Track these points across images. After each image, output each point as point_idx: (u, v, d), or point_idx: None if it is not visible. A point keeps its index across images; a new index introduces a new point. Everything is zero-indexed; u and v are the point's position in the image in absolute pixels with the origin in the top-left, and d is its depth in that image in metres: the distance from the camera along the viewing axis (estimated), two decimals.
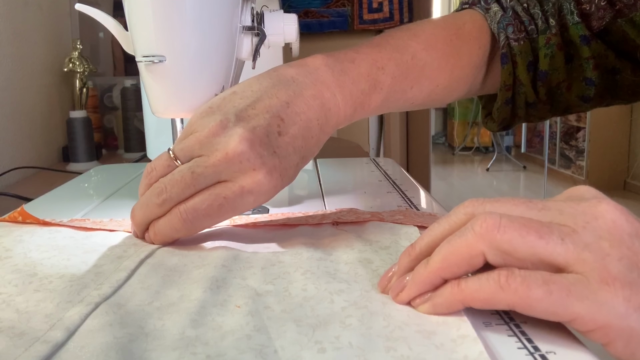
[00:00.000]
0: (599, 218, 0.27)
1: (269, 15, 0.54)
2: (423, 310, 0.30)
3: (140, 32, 0.46)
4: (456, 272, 0.29)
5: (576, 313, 0.26)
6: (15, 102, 1.04)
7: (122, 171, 0.82)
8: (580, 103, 0.55)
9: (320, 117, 0.42)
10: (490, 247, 0.28)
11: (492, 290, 0.27)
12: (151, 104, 0.48)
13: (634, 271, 0.26)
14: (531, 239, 0.27)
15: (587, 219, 0.27)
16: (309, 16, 2.52)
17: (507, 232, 0.27)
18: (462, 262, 0.29)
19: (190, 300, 0.32)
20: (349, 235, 0.44)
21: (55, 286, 0.35)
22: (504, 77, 0.53)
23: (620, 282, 0.25)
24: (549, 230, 0.27)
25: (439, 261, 0.29)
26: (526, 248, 0.27)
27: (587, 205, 0.28)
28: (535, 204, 0.29)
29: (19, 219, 0.49)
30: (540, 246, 0.27)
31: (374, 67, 0.45)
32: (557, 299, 0.26)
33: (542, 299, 0.26)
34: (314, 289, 0.34)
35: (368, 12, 2.53)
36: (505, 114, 0.57)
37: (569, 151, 4.02)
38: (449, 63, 0.51)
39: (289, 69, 0.43)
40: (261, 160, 0.39)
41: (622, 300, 0.25)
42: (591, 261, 0.26)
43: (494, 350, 0.27)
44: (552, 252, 0.27)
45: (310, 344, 0.27)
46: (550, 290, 0.26)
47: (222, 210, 0.40)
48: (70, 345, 0.28)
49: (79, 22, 1.35)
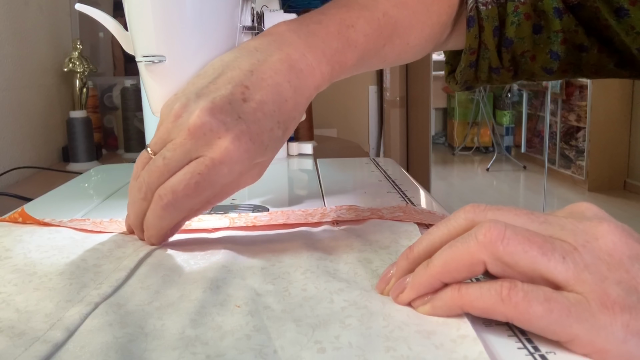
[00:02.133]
0: (599, 238, 0.27)
1: (269, 15, 0.54)
2: (422, 312, 0.30)
3: (140, 32, 0.46)
4: (456, 277, 0.29)
5: (575, 334, 0.26)
6: (15, 102, 1.04)
7: (122, 171, 0.82)
8: (543, 74, 0.55)
9: (292, 79, 0.40)
10: (491, 258, 0.27)
11: (493, 300, 0.27)
12: (151, 104, 0.48)
13: (633, 295, 0.25)
14: (533, 254, 0.27)
15: (587, 238, 0.27)
16: None
17: (510, 245, 0.27)
18: (462, 269, 0.29)
19: (190, 300, 0.32)
20: (348, 235, 0.44)
21: (54, 285, 0.35)
22: (470, 41, 0.53)
23: (620, 306, 0.25)
24: (551, 247, 0.27)
25: (439, 265, 0.29)
26: (528, 263, 0.27)
27: (588, 224, 0.28)
28: (537, 216, 0.29)
29: (19, 220, 0.49)
30: (542, 263, 0.26)
31: (344, 26, 0.44)
32: (557, 318, 0.26)
33: (542, 317, 0.26)
34: (314, 289, 0.34)
35: None
36: (468, 76, 0.57)
37: (569, 151, 4.02)
38: (419, 21, 0.50)
39: (252, 41, 0.42)
40: (225, 126, 0.37)
41: (620, 325, 0.25)
42: (591, 282, 0.26)
43: (494, 350, 0.27)
44: (553, 270, 0.26)
45: (310, 344, 0.27)
46: (551, 308, 0.26)
47: (200, 187, 0.38)
48: (70, 345, 0.28)
49: (79, 22, 1.35)
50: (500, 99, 4.52)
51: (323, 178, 0.73)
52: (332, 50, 0.43)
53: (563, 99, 3.48)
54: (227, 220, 0.48)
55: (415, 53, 0.53)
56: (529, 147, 4.75)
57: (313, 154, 0.94)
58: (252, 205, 0.58)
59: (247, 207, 0.57)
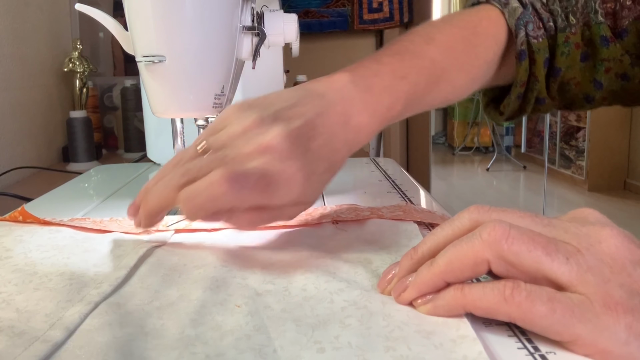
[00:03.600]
0: (602, 242, 0.27)
1: (269, 15, 0.54)
2: (424, 311, 0.30)
3: (140, 32, 0.46)
4: (459, 277, 0.29)
5: (577, 334, 0.26)
6: (15, 102, 1.04)
7: (122, 171, 0.82)
8: (583, 103, 0.55)
9: (346, 134, 0.42)
10: (496, 257, 0.28)
11: (496, 300, 0.27)
12: (151, 104, 0.48)
13: (635, 298, 0.26)
14: (538, 254, 0.27)
15: (590, 241, 0.27)
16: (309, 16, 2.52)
17: (515, 244, 0.27)
18: (466, 268, 0.29)
19: (190, 300, 0.32)
20: (348, 235, 0.44)
21: (55, 285, 0.35)
22: (520, 74, 0.53)
23: (623, 307, 0.25)
24: (555, 248, 0.27)
25: (443, 264, 0.29)
26: (531, 262, 0.27)
27: (591, 228, 0.28)
28: (542, 219, 0.29)
29: (20, 218, 0.49)
30: (546, 263, 0.27)
31: (396, 78, 0.45)
32: (561, 318, 0.26)
33: (545, 316, 0.26)
34: (314, 289, 0.34)
35: (368, 12, 2.53)
36: (515, 107, 0.57)
37: (569, 151, 4.02)
38: (466, 63, 0.51)
39: (318, 84, 0.43)
40: (294, 156, 0.38)
41: (623, 326, 0.25)
42: (594, 284, 0.26)
43: (494, 350, 0.27)
44: (557, 271, 0.27)
45: (310, 344, 0.27)
46: (554, 308, 0.26)
47: (267, 188, 0.36)
48: (70, 345, 0.28)
49: (79, 22, 1.35)
50: None
51: None
52: (383, 109, 0.44)
53: None
54: None
55: (461, 94, 0.53)
56: (529, 147, 4.75)
57: None
58: None
59: None
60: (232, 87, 0.52)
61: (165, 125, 0.83)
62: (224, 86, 0.49)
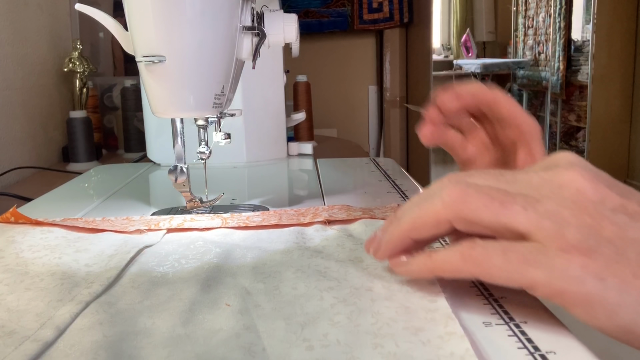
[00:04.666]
0: (563, 187, 0.28)
1: (269, 15, 0.54)
2: (399, 273, 0.33)
3: (140, 32, 0.46)
4: (424, 235, 0.30)
5: (533, 280, 0.26)
6: (15, 102, 1.04)
7: (122, 171, 0.82)
8: None
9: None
10: (455, 217, 0.29)
11: (457, 261, 0.28)
12: (151, 104, 0.48)
13: (592, 239, 0.26)
14: (495, 208, 0.27)
15: (552, 188, 0.28)
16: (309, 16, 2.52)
17: (472, 202, 0.28)
18: (428, 227, 0.30)
19: (181, 299, 0.33)
20: (340, 234, 0.44)
21: (46, 285, 0.35)
22: None
23: (577, 249, 0.26)
24: (512, 199, 0.28)
25: (407, 222, 0.31)
26: (490, 216, 0.28)
27: (554, 174, 0.28)
28: (505, 175, 0.30)
29: (11, 219, 0.49)
30: (504, 214, 0.27)
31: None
32: (516, 267, 0.27)
33: (501, 268, 0.27)
34: (304, 287, 0.34)
35: (368, 12, 2.53)
36: None
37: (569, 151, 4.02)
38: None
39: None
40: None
41: (578, 267, 0.25)
42: (550, 229, 0.26)
43: (493, 350, 0.27)
44: (514, 221, 0.27)
45: (299, 342, 0.27)
46: (509, 259, 0.27)
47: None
48: (60, 344, 0.28)
49: (79, 22, 1.35)
50: None
51: (323, 178, 0.73)
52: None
53: (563, 99, 3.48)
54: (220, 220, 0.48)
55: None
56: None
57: (313, 154, 0.94)
58: (252, 205, 0.58)
59: (247, 207, 0.57)
60: (232, 87, 0.52)
61: (165, 125, 0.83)
62: (224, 86, 0.49)
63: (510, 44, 4.04)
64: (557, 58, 3.31)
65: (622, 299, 0.25)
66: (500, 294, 0.33)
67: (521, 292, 0.33)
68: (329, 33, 2.54)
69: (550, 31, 3.37)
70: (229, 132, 0.54)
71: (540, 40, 3.57)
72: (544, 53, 3.53)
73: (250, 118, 0.85)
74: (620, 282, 0.25)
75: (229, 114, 0.54)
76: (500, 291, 0.33)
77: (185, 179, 0.52)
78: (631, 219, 0.26)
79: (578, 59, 3.19)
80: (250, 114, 0.85)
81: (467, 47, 4.14)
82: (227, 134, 0.54)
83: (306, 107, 1.21)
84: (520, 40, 3.86)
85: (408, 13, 2.53)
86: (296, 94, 1.24)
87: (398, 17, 2.53)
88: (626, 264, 0.25)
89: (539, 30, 3.57)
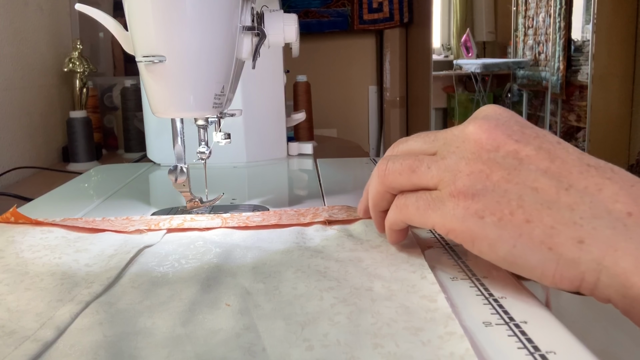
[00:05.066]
0: (465, 141, 0.33)
1: (269, 15, 0.54)
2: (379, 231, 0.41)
3: (140, 32, 0.46)
4: (383, 206, 0.38)
5: (434, 221, 0.33)
6: (15, 102, 1.04)
7: (122, 171, 0.82)
8: None
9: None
10: (387, 188, 0.36)
11: (394, 213, 0.36)
12: (151, 104, 0.48)
13: (480, 184, 0.31)
14: (406, 173, 0.34)
15: (457, 143, 0.33)
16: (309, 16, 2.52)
17: (390, 174, 0.35)
18: (379, 201, 0.38)
19: (181, 299, 0.33)
20: (340, 234, 0.44)
21: (46, 285, 0.35)
22: None
23: (464, 194, 0.31)
24: (419, 163, 0.34)
25: (370, 199, 0.39)
26: (406, 181, 0.35)
27: (461, 130, 0.33)
28: (429, 136, 0.36)
29: (11, 219, 0.49)
30: (414, 177, 0.34)
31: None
32: (423, 212, 0.33)
33: (415, 213, 0.34)
34: (304, 287, 0.34)
35: (368, 12, 2.53)
36: None
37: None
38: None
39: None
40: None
41: (462, 208, 0.31)
42: (447, 180, 0.32)
43: (494, 350, 0.27)
44: (423, 179, 0.34)
45: (299, 342, 0.27)
46: (419, 206, 0.33)
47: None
48: (60, 344, 0.28)
49: (79, 22, 1.35)
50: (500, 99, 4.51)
51: (323, 178, 0.73)
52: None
53: (563, 99, 3.48)
54: (220, 220, 0.48)
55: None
56: None
57: (313, 154, 0.94)
58: (252, 205, 0.58)
59: (247, 207, 0.57)
60: (232, 87, 0.52)
61: (165, 125, 0.83)
62: (224, 86, 0.49)
63: (510, 44, 4.04)
64: (557, 58, 3.31)
65: (499, 233, 0.30)
66: (500, 294, 0.33)
67: (521, 292, 0.33)
68: (329, 33, 2.54)
69: (550, 31, 3.37)
70: (229, 132, 0.54)
71: (540, 40, 3.57)
72: (544, 53, 3.53)
73: (250, 118, 0.85)
74: (498, 219, 0.30)
75: (229, 114, 0.54)
76: (500, 291, 0.33)
77: (185, 179, 0.51)
78: (520, 163, 0.30)
79: (578, 59, 3.19)
80: (250, 114, 0.85)
81: (467, 47, 4.14)
82: (227, 134, 0.54)
83: (306, 107, 1.22)
84: (520, 40, 3.86)
85: (408, 13, 2.53)
86: (296, 94, 1.24)
87: (398, 17, 2.53)
88: (505, 204, 0.30)
89: (539, 30, 3.57)
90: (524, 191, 0.30)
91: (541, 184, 0.29)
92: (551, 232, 0.28)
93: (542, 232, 0.29)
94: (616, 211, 0.28)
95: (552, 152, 0.31)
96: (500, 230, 0.29)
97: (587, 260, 0.27)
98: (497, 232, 0.30)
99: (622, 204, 0.28)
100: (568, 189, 0.29)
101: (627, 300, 0.27)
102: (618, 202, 0.28)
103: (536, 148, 0.31)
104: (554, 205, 0.29)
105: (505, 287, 0.34)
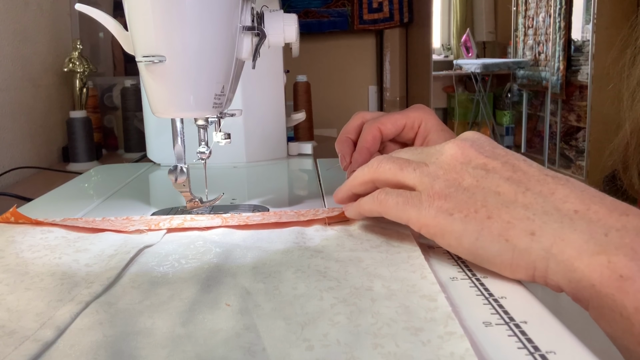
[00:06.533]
0: (443, 154, 0.38)
1: (269, 15, 0.54)
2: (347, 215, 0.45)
3: (140, 32, 0.46)
4: (361, 191, 0.43)
5: (410, 216, 0.37)
6: (15, 102, 1.04)
7: (122, 171, 0.82)
8: None
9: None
10: (375, 178, 0.41)
11: (371, 203, 0.40)
12: (151, 104, 0.48)
13: (453, 188, 0.36)
14: (395, 170, 0.39)
15: (437, 156, 0.38)
16: (309, 16, 2.52)
17: (382, 167, 0.40)
18: (360, 186, 0.43)
19: (181, 299, 0.33)
20: (340, 234, 0.44)
21: (46, 285, 0.35)
22: None
23: (439, 195, 0.36)
24: (408, 164, 0.39)
25: (349, 183, 0.44)
26: (393, 177, 0.39)
27: (442, 146, 0.39)
28: (417, 149, 0.41)
29: (12, 219, 0.49)
30: (400, 174, 0.39)
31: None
32: (402, 207, 0.38)
33: (393, 207, 0.38)
34: (304, 287, 0.34)
35: (368, 12, 2.53)
36: None
37: (569, 151, 4.02)
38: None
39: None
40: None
41: (435, 207, 0.36)
42: (426, 183, 0.37)
43: (493, 350, 0.27)
44: (406, 178, 0.38)
45: (299, 342, 0.27)
46: (398, 201, 0.38)
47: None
48: (60, 344, 0.28)
49: (79, 22, 1.35)
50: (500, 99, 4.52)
51: (323, 178, 0.73)
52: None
53: (563, 99, 3.48)
54: (220, 219, 0.48)
55: None
56: (529, 147, 4.75)
57: (313, 154, 0.94)
58: (252, 205, 0.58)
59: (247, 207, 0.57)
60: (232, 87, 0.52)
61: (165, 125, 0.83)
62: (224, 86, 0.49)
63: (510, 44, 4.04)
64: (557, 58, 3.31)
65: (464, 227, 0.34)
66: (500, 294, 0.33)
67: (521, 292, 0.33)
68: (329, 33, 2.54)
69: (550, 31, 3.37)
70: (229, 132, 0.54)
71: (540, 40, 3.57)
72: (544, 53, 3.53)
73: (250, 118, 0.85)
74: (464, 216, 0.34)
75: (229, 114, 0.54)
76: (500, 291, 0.33)
77: (185, 179, 0.51)
78: (487, 173, 0.36)
79: (578, 59, 3.19)
80: (250, 114, 0.85)
81: (467, 47, 4.14)
82: (227, 134, 0.54)
83: (306, 107, 1.22)
84: (520, 40, 3.86)
85: (408, 13, 2.53)
86: (296, 94, 1.24)
87: (398, 17, 2.53)
88: (472, 204, 0.34)
89: (539, 30, 3.57)
90: (488, 194, 0.35)
91: (503, 189, 0.34)
92: (507, 226, 0.33)
93: (500, 226, 0.33)
94: (565, 209, 0.32)
95: (515, 165, 0.36)
96: (465, 225, 0.34)
97: (537, 249, 0.32)
98: (463, 226, 0.34)
99: (571, 204, 0.32)
100: (525, 192, 0.34)
101: (572, 284, 0.30)
102: (567, 202, 0.32)
103: (502, 162, 0.36)
104: (511, 205, 0.33)
105: (505, 287, 0.34)
